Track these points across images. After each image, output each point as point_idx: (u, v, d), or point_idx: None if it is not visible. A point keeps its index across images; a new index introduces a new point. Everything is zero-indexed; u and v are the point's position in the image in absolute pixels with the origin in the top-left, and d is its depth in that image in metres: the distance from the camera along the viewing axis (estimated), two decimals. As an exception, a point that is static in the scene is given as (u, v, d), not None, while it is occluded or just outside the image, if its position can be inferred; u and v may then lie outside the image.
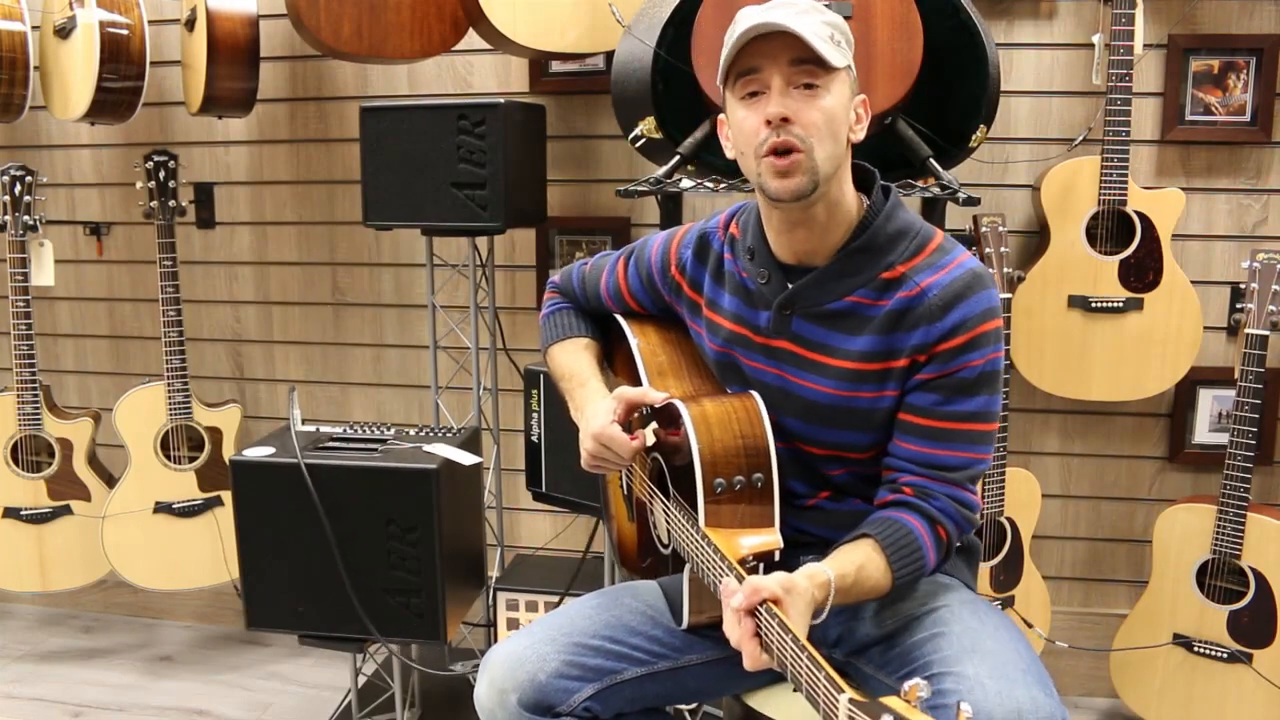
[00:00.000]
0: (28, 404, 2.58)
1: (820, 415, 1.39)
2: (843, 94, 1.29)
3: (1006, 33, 2.34)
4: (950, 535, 1.34)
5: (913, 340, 1.31)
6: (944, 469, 1.33)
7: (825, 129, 1.27)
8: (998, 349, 1.33)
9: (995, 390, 1.34)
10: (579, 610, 1.45)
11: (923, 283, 1.31)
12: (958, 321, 1.30)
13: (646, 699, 1.42)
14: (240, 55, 2.40)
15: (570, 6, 2.20)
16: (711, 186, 1.97)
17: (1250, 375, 2.06)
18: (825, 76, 1.27)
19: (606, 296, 1.64)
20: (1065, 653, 2.50)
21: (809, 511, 1.45)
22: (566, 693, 1.35)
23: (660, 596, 1.48)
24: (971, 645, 1.25)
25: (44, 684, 2.64)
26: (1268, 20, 2.26)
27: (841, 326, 1.36)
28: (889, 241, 1.34)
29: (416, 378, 2.79)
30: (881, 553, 1.28)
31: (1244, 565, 2.11)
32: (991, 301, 1.32)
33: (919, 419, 1.33)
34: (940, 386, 1.32)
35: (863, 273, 1.34)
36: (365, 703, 2.32)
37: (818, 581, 1.19)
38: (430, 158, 2.20)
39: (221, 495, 2.66)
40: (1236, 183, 2.33)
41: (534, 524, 2.79)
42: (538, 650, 1.36)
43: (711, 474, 1.32)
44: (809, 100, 1.27)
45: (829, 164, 1.28)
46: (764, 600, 1.10)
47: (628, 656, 1.39)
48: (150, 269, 2.73)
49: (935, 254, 1.34)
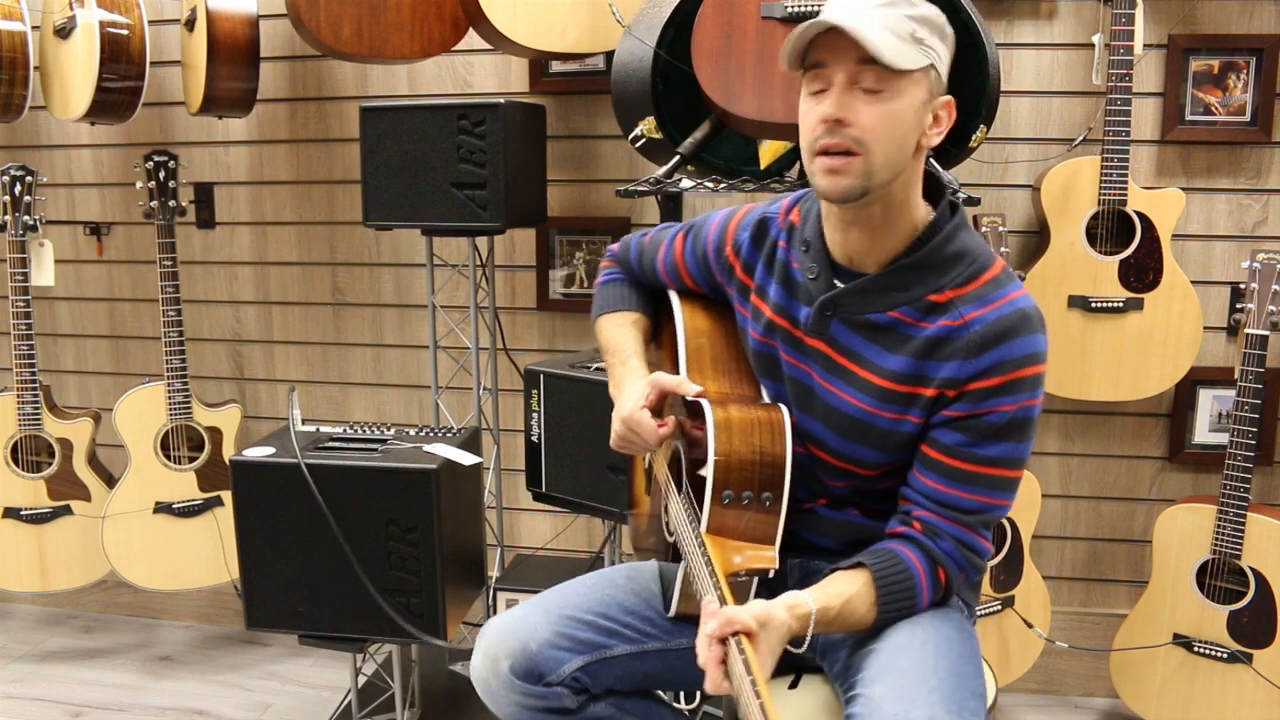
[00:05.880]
0: (28, 404, 2.58)
1: (839, 424, 1.36)
2: (915, 97, 1.23)
3: (1006, 33, 2.34)
4: (950, 578, 1.31)
5: (944, 372, 1.27)
6: (959, 510, 1.30)
7: (885, 133, 1.22)
8: (1034, 396, 1.27)
9: (1025, 438, 1.29)
10: (575, 587, 1.48)
11: (967, 315, 1.27)
12: (994, 362, 1.25)
13: (636, 678, 1.45)
14: (240, 55, 2.40)
15: (570, 6, 2.20)
16: (711, 186, 1.97)
17: (1250, 375, 2.06)
18: (893, 79, 1.21)
19: (663, 271, 1.60)
20: (1065, 653, 2.50)
21: (804, 515, 1.45)
22: (557, 662, 1.38)
23: (657, 580, 1.50)
24: (889, 664, 1.24)
25: (44, 684, 2.64)
26: (1268, 20, 2.26)
27: (879, 340, 1.32)
28: (945, 263, 1.29)
29: (416, 378, 2.79)
30: (873, 587, 1.27)
31: (1244, 565, 2.11)
32: (1035, 347, 1.26)
33: (942, 457, 1.29)
34: (968, 428, 1.28)
35: (910, 290, 1.30)
36: (365, 703, 2.32)
37: (797, 614, 1.20)
38: (430, 158, 2.20)
39: (221, 495, 2.66)
40: (1236, 183, 2.33)
41: (534, 524, 2.79)
42: (530, 620, 1.40)
43: (722, 484, 1.30)
44: (871, 102, 1.21)
45: (886, 170, 1.24)
46: (736, 632, 1.11)
47: (618, 634, 1.42)
48: (150, 269, 2.73)
49: (987, 285, 1.28)
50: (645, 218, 2.58)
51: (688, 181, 1.98)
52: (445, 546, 2.02)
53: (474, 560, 2.28)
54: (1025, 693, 2.54)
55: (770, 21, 1.81)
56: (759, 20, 1.82)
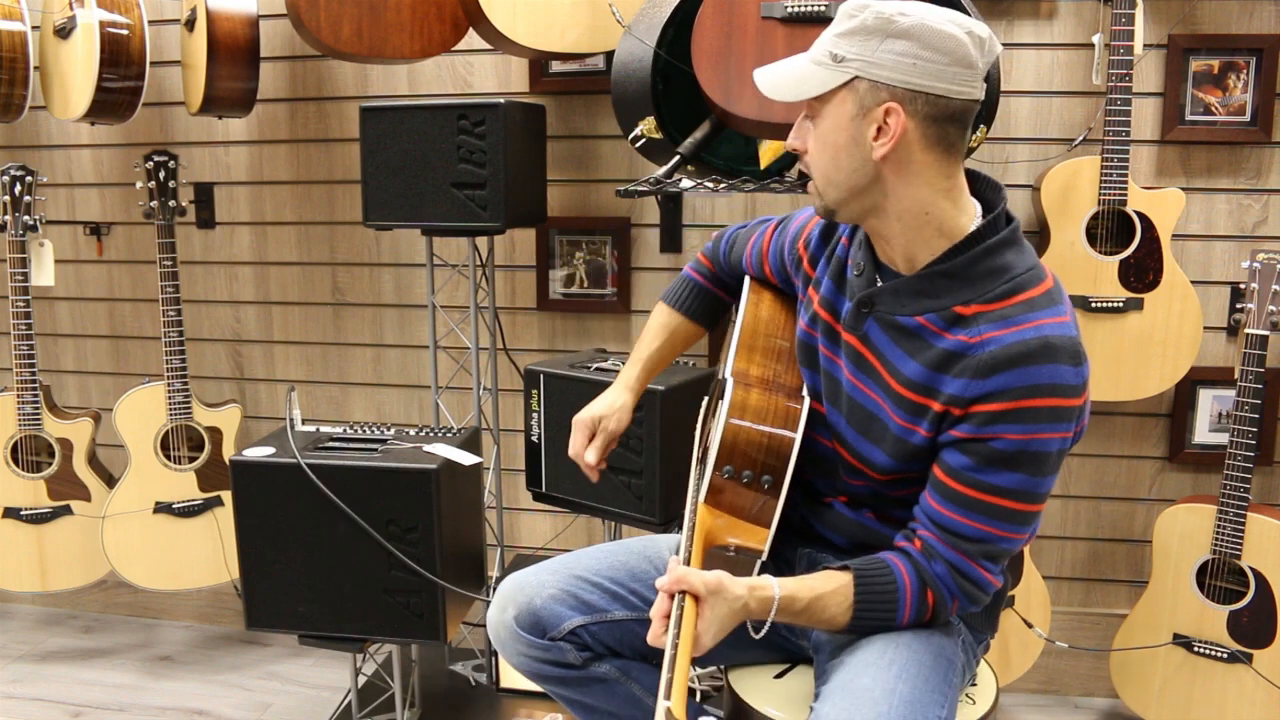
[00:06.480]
0: (28, 404, 2.58)
1: (858, 421, 1.37)
2: (840, 115, 1.23)
3: (1006, 33, 2.34)
4: (939, 601, 1.29)
5: (952, 389, 1.24)
6: (958, 536, 1.26)
7: (816, 156, 1.28)
8: (1050, 429, 1.20)
9: (1039, 472, 1.23)
10: (590, 551, 1.56)
11: (986, 334, 1.22)
12: (1000, 387, 1.20)
13: (636, 643, 1.48)
14: (240, 55, 2.40)
15: (570, 6, 2.20)
16: (711, 186, 1.97)
17: (1250, 375, 2.06)
18: (817, 105, 1.26)
19: (749, 257, 1.62)
20: (1065, 653, 2.50)
21: (822, 508, 1.47)
22: (558, 618, 1.45)
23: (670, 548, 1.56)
24: (848, 682, 1.24)
25: (44, 684, 2.64)
26: (1268, 20, 2.26)
27: (903, 344, 1.30)
28: (979, 276, 1.25)
29: (416, 378, 2.79)
30: (851, 591, 1.27)
31: (1244, 565, 2.11)
32: (1053, 378, 1.19)
33: (946, 479, 1.27)
34: (973, 451, 1.24)
35: (941, 298, 1.26)
36: (365, 703, 2.32)
37: (758, 595, 1.21)
38: (430, 158, 2.20)
39: (221, 495, 2.66)
40: (1236, 183, 2.33)
41: (534, 524, 2.79)
42: (540, 578, 1.49)
43: (726, 457, 1.35)
44: (812, 129, 1.28)
45: (833, 190, 1.27)
46: (683, 591, 1.15)
47: (621, 599, 1.48)
48: (150, 269, 2.73)
49: (1017, 307, 1.22)
50: (645, 218, 2.58)
51: (688, 181, 1.98)
52: (445, 546, 2.02)
53: (474, 560, 2.28)
54: (1025, 693, 2.54)
55: (770, 21, 1.82)
56: (759, 20, 1.82)
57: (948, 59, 1.19)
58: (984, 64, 1.21)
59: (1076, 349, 1.21)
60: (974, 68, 1.21)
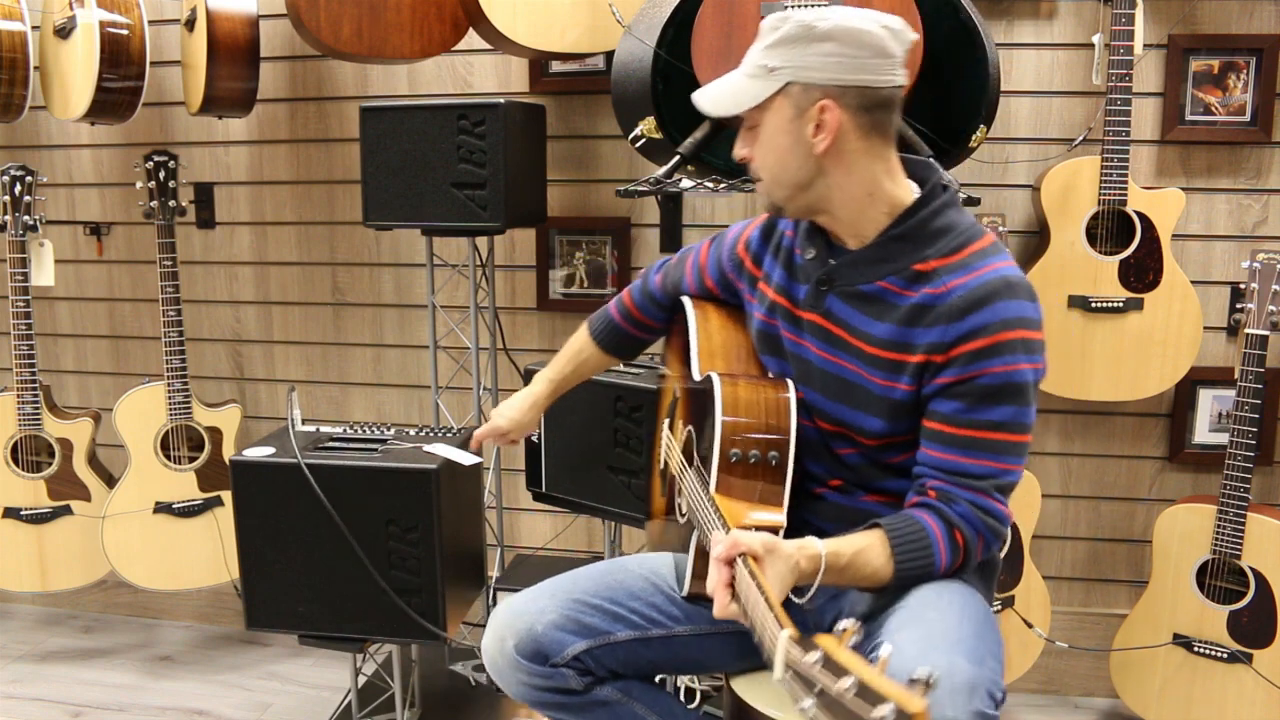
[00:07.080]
0: (28, 404, 2.58)
1: (834, 390, 1.42)
2: (780, 118, 1.34)
3: (1006, 33, 2.34)
4: (968, 541, 1.33)
5: (929, 338, 1.32)
6: (969, 476, 1.32)
7: (762, 159, 1.38)
8: (1026, 360, 1.30)
9: (1024, 402, 1.32)
10: (585, 572, 1.54)
11: (950, 283, 1.32)
12: (977, 325, 1.29)
13: (639, 663, 1.48)
14: (240, 55, 2.40)
15: (570, 6, 2.20)
16: (711, 186, 1.97)
17: (1250, 375, 2.06)
18: (756, 114, 1.36)
19: (689, 276, 1.69)
20: (1065, 653, 2.50)
21: (815, 501, 1.48)
22: (560, 644, 1.44)
23: (667, 565, 1.55)
24: (913, 618, 1.28)
25: (44, 684, 2.64)
26: (1268, 20, 2.26)
27: (867, 310, 1.38)
28: (930, 236, 1.35)
29: (416, 378, 2.79)
30: (887, 543, 1.30)
31: (1244, 565, 2.11)
32: (1019, 312, 1.30)
33: (943, 426, 1.33)
34: (962, 394, 1.31)
35: (897, 260, 1.36)
36: (365, 703, 2.32)
37: (807, 553, 1.23)
38: (430, 158, 2.20)
39: (221, 495, 2.66)
40: (1236, 183, 2.33)
41: (534, 524, 2.79)
42: (538, 603, 1.47)
43: (730, 443, 1.37)
44: (755, 136, 1.38)
45: (781, 188, 1.38)
46: (742, 553, 1.15)
47: (623, 619, 1.47)
48: (150, 269, 2.73)
49: (973, 256, 1.33)
50: (645, 218, 2.58)
51: (688, 181, 1.98)
52: (445, 546, 2.02)
53: (474, 560, 2.28)
54: (1025, 693, 2.54)
55: (770, 21, 1.81)
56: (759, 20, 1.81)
57: (869, 52, 1.30)
58: (902, 52, 1.33)
59: (1030, 287, 1.33)
60: (893, 57, 1.32)
